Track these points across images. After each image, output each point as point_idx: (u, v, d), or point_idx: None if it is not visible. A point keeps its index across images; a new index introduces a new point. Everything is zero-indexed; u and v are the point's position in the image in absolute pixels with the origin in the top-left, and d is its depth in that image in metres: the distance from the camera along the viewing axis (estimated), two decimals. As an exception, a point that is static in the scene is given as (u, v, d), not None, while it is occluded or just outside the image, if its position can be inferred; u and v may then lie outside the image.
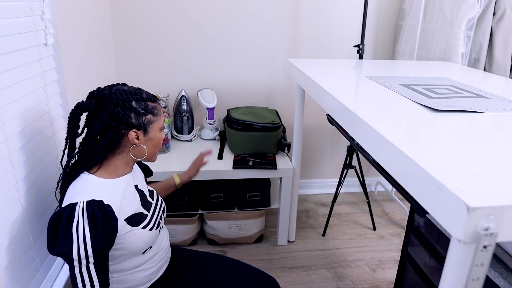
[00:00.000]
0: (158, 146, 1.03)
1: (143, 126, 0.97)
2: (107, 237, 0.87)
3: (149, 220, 1.02)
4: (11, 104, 0.97)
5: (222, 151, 1.90)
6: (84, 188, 0.91)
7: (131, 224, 0.96)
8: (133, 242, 0.96)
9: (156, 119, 0.99)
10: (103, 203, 0.89)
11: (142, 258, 1.01)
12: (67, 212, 0.86)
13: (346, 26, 2.17)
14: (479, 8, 1.70)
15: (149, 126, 0.98)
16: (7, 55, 0.96)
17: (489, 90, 1.21)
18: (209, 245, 1.93)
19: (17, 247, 0.99)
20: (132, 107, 0.94)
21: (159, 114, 1.01)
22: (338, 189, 2.07)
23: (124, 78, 2.08)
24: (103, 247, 0.87)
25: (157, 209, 1.08)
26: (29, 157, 1.05)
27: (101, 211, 0.87)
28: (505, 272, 0.93)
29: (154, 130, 1.00)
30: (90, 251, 0.85)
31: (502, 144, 0.74)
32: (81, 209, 0.86)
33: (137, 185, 1.05)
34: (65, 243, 0.84)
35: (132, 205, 0.99)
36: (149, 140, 0.99)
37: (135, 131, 0.95)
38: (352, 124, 0.92)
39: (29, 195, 1.06)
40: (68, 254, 0.84)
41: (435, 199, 0.58)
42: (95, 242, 0.85)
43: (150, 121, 0.98)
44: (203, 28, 2.05)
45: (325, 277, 1.76)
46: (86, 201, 0.87)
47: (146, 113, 0.97)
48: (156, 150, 1.04)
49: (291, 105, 2.27)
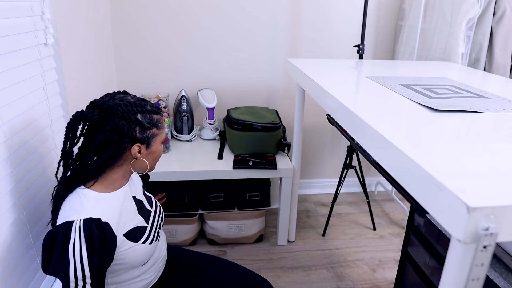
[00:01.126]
0: (157, 159, 1.01)
1: (147, 140, 0.93)
2: (105, 258, 0.84)
3: (149, 233, 0.98)
4: (11, 104, 0.97)
5: (222, 151, 1.90)
6: (81, 204, 0.86)
7: (131, 240, 0.92)
8: (133, 258, 0.93)
9: (159, 132, 0.97)
10: (101, 221, 0.84)
11: (141, 270, 0.99)
12: (63, 231, 0.81)
13: (346, 26, 2.17)
14: (479, 8, 1.70)
15: (153, 140, 0.95)
16: (7, 55, 0.96)
17: (489, 90, 1.21)
18: (209, 245, 1.93)
19: (17, 247, 0.99)
20: (138, 121, 0.90)
21: (162, 127, 0.98)
22: (338, 189, 2.07)
23: (124, 78, 2.08)
24: (101, 267, 0.83)
25: (156, 218, 1.06)
26: (29, 157, 1.05)
27: (99, 231, 0.83)
28: (505, 272, 0.93)
29: (157, 144, 0.97)
30: (88, 273, 0.81)
31: (502, 144, 0.74)
32: (77, 228, 0.81)
33: (135, 196, 1.01)
34: (61, 263, 0.80)
35: (131, 218, 0.95)
36: (151, 153, 0.96)
37: (138, 145, 0.92)
38: (352, 124, 0.92)
39: (29, 195, 1.06)
40: (64, 275, 0.80)
41: (435, 199, 0.58)
42: (92, 263, 0.81)
43: (154, 135, 0.95)
44: (203, 28, 2.05)
45: (325, 277, 1.76)
46: (83, 219, 0.82)
47: (151, 127, 0.93)
48: (155, 163, 1.01)
49: (291, 105, 2.27)
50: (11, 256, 0.96)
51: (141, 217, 0.99)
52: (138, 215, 0.99)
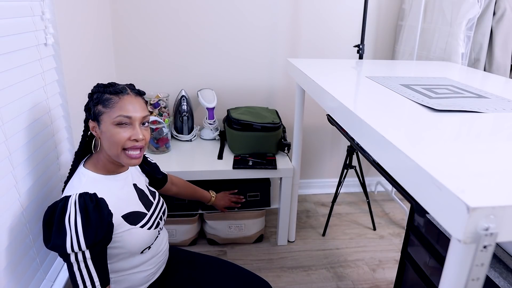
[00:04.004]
0: (114, 143, 0.94)
1: (95, 116, 0.96)
2: (100, 229, 0.87)
3: (148, 219, 1.02)
4: (11, 104, 0.97)
5: (222, 151, 1.90)
6: (79, 182, 0.93)
7: (129, 223, 0.96)
8: (131, 241, 0.96)
9: (106, 111, 0.94)
10: (96, 195, 0.90)
11: (140, 259, 1.01)
12: (60, 205, 0.87)
13: (346, 26, 2.17)
14: (479, 8, 1.70)
15: (100, 117, 0.95)
16: (7, 55, 0.96)
17: (489, 90, 1.21)
18: (209, 245, 1.93)
19: (17, 247, 0.99)
20: (91, 97, 0.98)
21: (111, 107, 0.93)
22: (338, 189, 2.07)
23: (124, 78, 2.08)
24: (96, 240, 0.87)
25: (157, 210, 1.09)
26: (29, 157, 1.05)
27: (93, 202, 0.88)
28: (505, 272, 0.93)
29: (106, 123, 0.94)
30: (83, 244, 0.85)
31: (502, 144, 0.74)
32: (73, 201, 0.87)
33: (136, 184, 1.06)
34: (59, 236, 0.85)
35: (130, 203, 0.99)
36: (103, 133, 0.95)
37: (91, 122, 0.98)
38: (352, 124, 0.92)
39: (29, 195, 1.06)
40: (62, 247, 0.84)
41: (435, 199, 0.58)
42: (87, 234, 0.85)
43: (101, 112, 0.94)
44: (203, 28, 2.05)
45: (325, 277, 1.76)
46: (79, 193, 0.89)
47: (97, 104, 0.95)
48: (114, 148, 0.94)
49: (291, 105, 2.27)
50: (11, 256, 0.96)
51: (141, 204, 1.04)
52: (139, 201, 1.03)
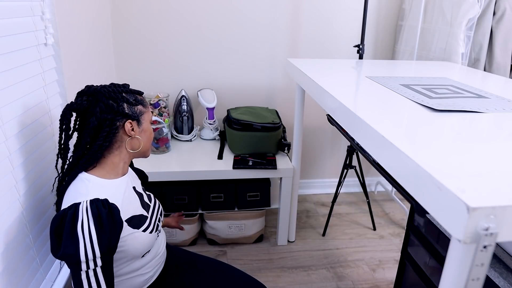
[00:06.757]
0: (151, 139, 1.06)
1: (137, 116, 0.98)
2: (113, 236, 0.85)
3: (149, 223, 1.01)
4: (11, 104, 0.97)
5: (222, 151, 1.90)
6: (86, 188, 0.89)
7: (132, 226, 0.94)
8: (134, 245, 0.94)
9: (146, 110, 1.02)
10: (108, 201, 0.87)
11: (140, 262, 1.00)
12: (70, 213, 0.83)
13: (346, 26, 2.17)
14: (479, 8, 1.70)
15: (142, 117, 1.00)
16: (7, 55, 0.96)
17: (489, 90, 1.21)
18: (209, 245, 1.93)
19: (17, 247, 0.99)
20: (124, 98, 0.96)
21: (147, 106, 1.04)
22: (338, 189, 2.07)
23: (124, 78, 2.08)
24: (110, 247, 0.85)
25: (155, 212, 1.08)
26: (29, 157, 1.05)
27: (106, 209, 0.85)
28: (505, 272, 0.93)
29: (146, 122, 1.02)
30: (98, 252, 0.82)
31: (502, 144, 0.74)
32: (85, 208, 0.83)
33: (135, 186, 1.05)
34: (71, 244, 0.81)
35: (132, 206, 0.98)
36: (143, 131, 1.01)
37: (130, 122, 0.97)
38: (352, 124, 0.92)
39: (29, 195, 1.06)
40: (75, 256, 0.81)
41: (435, 199, 0.58)
42: (101, 242, 0.82)
43: (142, 112, 1.01)
44: (203, 28, 2.05)
45: (325, 277, 1.76)
46: (90, 200, 0.85)
47: (137, 104, 1.00)
48: (150, 144, 1.06)
49: (291, 105, 2.27)
50: (11, 256, 0.96)
51: (142, 207, 1.02)
52: (139, 204, 1.02)
